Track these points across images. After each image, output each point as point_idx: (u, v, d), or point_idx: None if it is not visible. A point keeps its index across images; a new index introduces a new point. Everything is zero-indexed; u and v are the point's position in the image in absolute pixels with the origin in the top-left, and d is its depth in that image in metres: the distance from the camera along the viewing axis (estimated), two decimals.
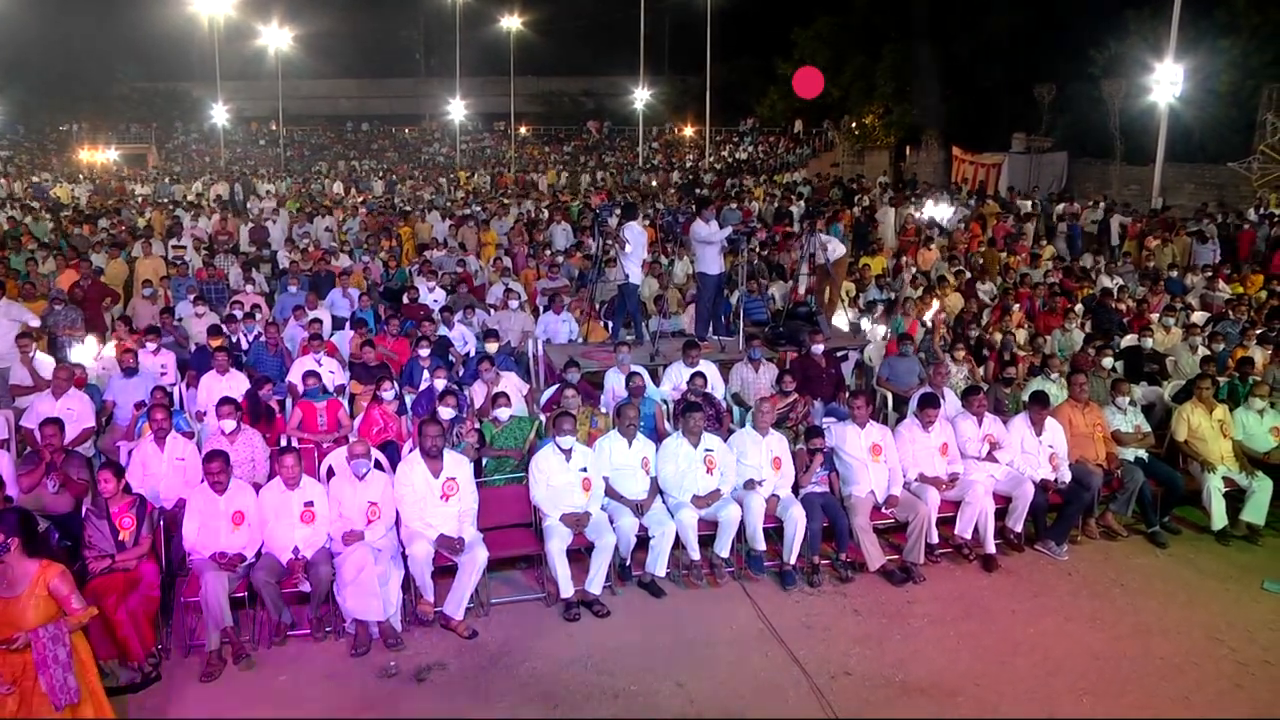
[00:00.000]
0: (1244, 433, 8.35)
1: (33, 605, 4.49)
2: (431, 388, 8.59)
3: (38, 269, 14.09)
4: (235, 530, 6.26)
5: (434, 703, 5.70)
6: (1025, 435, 7.84)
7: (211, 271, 14.36)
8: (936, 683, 5.85)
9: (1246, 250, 17.15)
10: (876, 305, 12.34)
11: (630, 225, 10.82)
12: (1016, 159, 28.88)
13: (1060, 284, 13.81)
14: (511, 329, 11.61)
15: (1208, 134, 24.87)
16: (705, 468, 7.22)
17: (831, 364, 9.72)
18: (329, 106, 58.11)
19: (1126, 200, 24.00)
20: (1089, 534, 7.94)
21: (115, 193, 29.83)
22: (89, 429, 8.19)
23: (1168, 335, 11.12)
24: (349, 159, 45.41)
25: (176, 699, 5.70)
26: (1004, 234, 18.82)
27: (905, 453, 7.67)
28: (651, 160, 42.94)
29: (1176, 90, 22.47)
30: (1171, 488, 8.04)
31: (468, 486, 6.72)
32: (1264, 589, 7.05)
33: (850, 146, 37.87)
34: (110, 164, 41.34)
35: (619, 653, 6.19)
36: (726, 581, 7.13)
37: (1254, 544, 7.83)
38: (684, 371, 9.03)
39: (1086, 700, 5.68)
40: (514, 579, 7.18)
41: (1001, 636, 6.41)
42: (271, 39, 45.57)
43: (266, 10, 45.13)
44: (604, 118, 55.14)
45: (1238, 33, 23.95)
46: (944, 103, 32.50)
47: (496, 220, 20.91)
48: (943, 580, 7.21)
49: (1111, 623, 6.58)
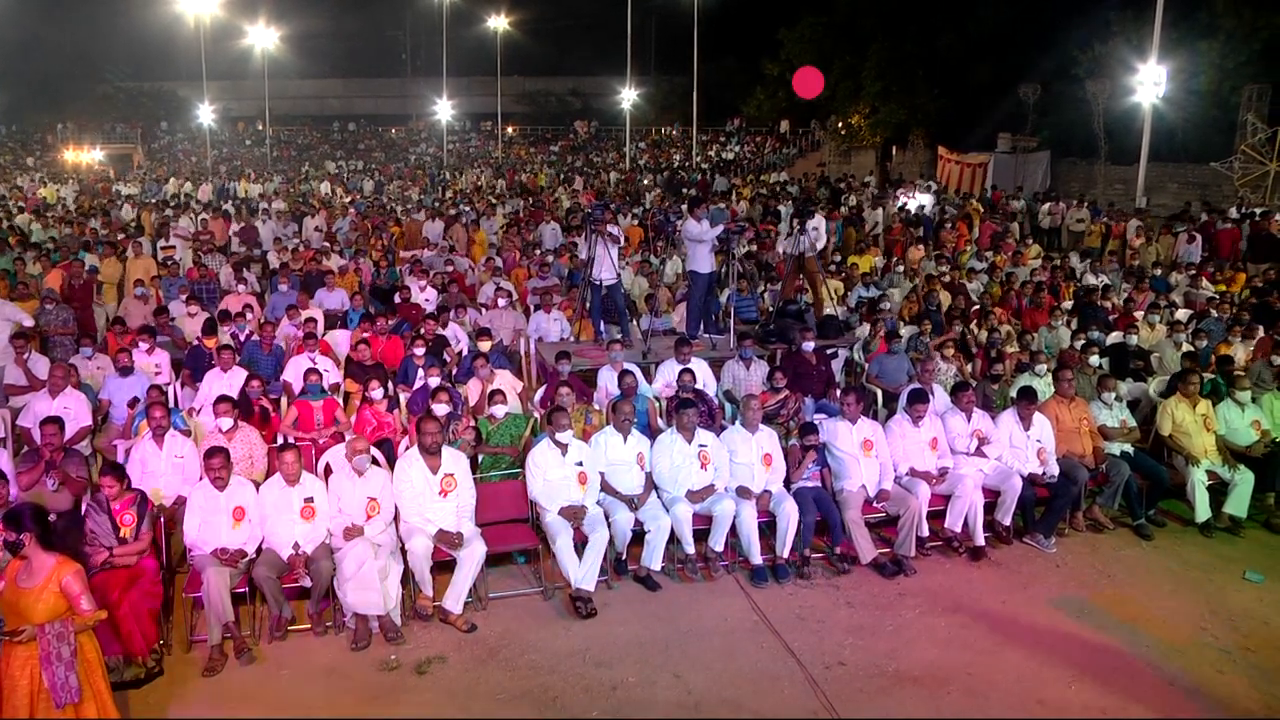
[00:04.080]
0: (1227, 427, 8.50)
1: (43, 600, 4.53)
2: (426, 385, 8.66)
3: (25, 269, 14.06)
4: (236, 526, 6.31)
5: (435, 696, 5.77)
6: (1013, 430, 7.97)
7: (203, 271, 14.37)
8: (928, 672, 5.96)
9: (1229, 249, 17.36)
10: (864, 303, 12.48)
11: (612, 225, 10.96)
12: (1002, 159, 29.09)
13: (1046, 282, 13.95)
14: (503, 328, 11.69)
15: (1190, 134, 25.12)
16: (699, 463, 7.32)
17: (822, 361, 9.83)
18: (316, 106, 57.98)
19: (1111, 199, 24.25)
20: (1076, 527, 8.07)
21: (102, 193, 29.70)
22: (86, 427, 8.23)
23: (1152, 332, 11.28)
24: (336, 159, 45.30)
25: (179, 693, 5.76)
26: (990, 233, 19.00)
27: (896, 448, 7.79)
28: (638, 160, 42.98)
29: (1160, 91, 22.68)
30: (1156, 481, 8.18)
31: (465, 482, 6.81)
32: (1245, 579, 7.20)
33: (836, 146, 38.02)
34: (96, 164, 41.11)
35: (616, 645, 6.28)
36: (721, 575, 7.23)
37: (1236, 536, 7.97)
38: (675, 369, 9.13)
39: (1074, 689, 5.80)
40: (512, 573, 7.26)
41: (991, 627, 6.52)
42: (258, 39, 45.44)
43: (253, 10, 45.03)
44: (591, 118, 55.16)
45: (1217, 34, 24.21)
46: (930, 103, 32.70)
47: (485, 220, 20.97)
48: (933, 573, 7.33)
49: (1098, 613, 6.70)
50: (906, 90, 32.72)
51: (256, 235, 19.14)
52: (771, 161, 39.96)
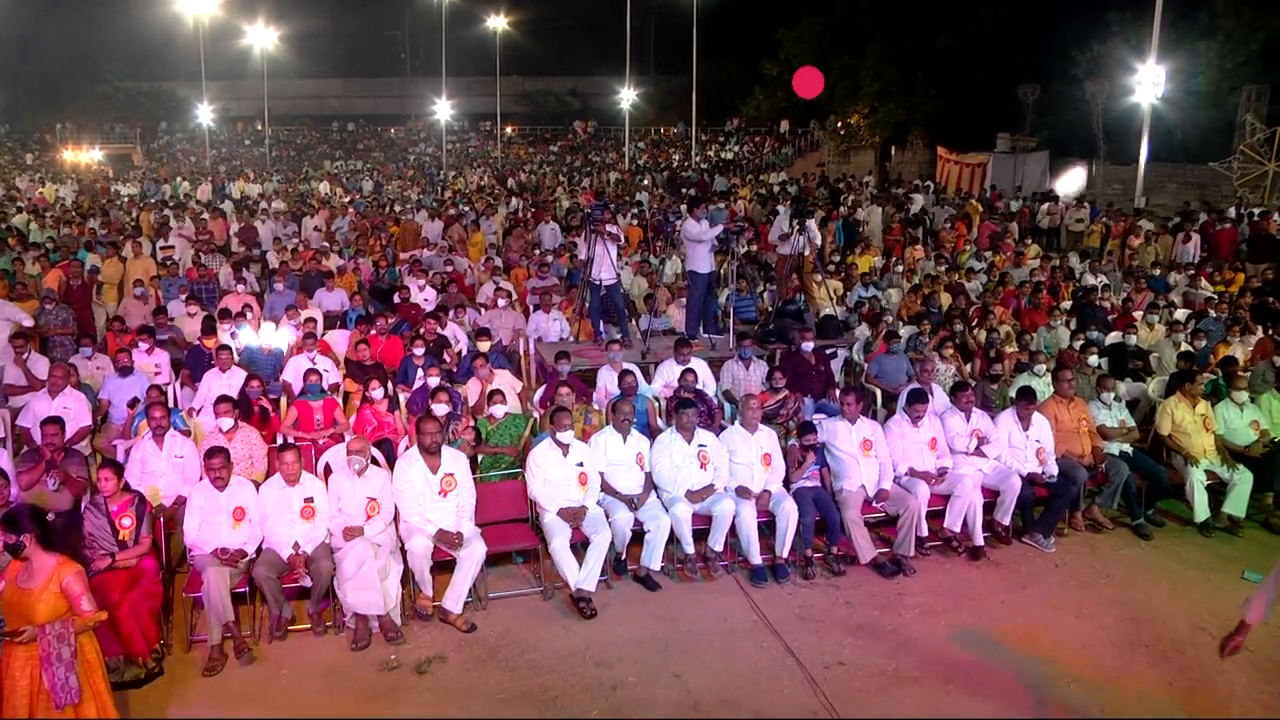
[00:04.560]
0: (1225, 427, 8.51)
1: (44, 600, 4.53)
2: (426, 385, 8.67)
3: (24, 269, 14.06)
4: (236, 526, 6.32)
5: (435, 695, 5.78)
6: (1012, 430, 7.98)
7: (202, 271, 14.37)
8: (928, 672, 5.97)
9: (1227, 249, 17.37)
10: (864, 304, 12.49)
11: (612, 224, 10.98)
12: (1001, 159, 29.10)
13: (1045, 282, 13.97)
14: (503, 328, 11.70)
15: (1189, 134, 25.14)
16: (699, 463, 7.32)
17: (821, 361, 9.84)
18: (315, 106, 57.92)
19: (1110, 199, 24.26)
20: (1075, 526, 8.09)
21: (101, 193, 29.68)
22: (85, 427, 8.24)
23: (1151, 332, 11.29)
24: (335, 159, 45.28)
25: (179, 693, 5.77)
26: (989, 233, 19.01)
27: (895, 448, 7.80)
28: (637, 160, 42.98)
29: (1159, 91, 22.69)
30: (1155, 481, 8.20)
31: (465, 482, 6.81)
32: (1244, 579, 7.20)
33: (836, 146, 38.00)
34: (95, 164, 41.09)
35: (616, 645, 6.29)
36: (720, 575, 7.24)
37: (1235, 535, 7.99)
38: (675, 369, 9.14)
39: (1073, 688, 5.82)
40: (511, 573, 7.27)
41: (991, 627, 6.53)
42: (257, 38, 45.44)
43: (252, 10, 45.02)
44: (590, 118, 55.15)
45: (1216, 35, 24.24)
46: (928, 103, 32.71)
47: (485, 220, 20.97)
48: (932, 572, 7.34)
49: (1097, 613, 6.72)
50: (905, 90, 32.72)
51: (256, 235, 19.15)
52: (771, 161, 39.94)
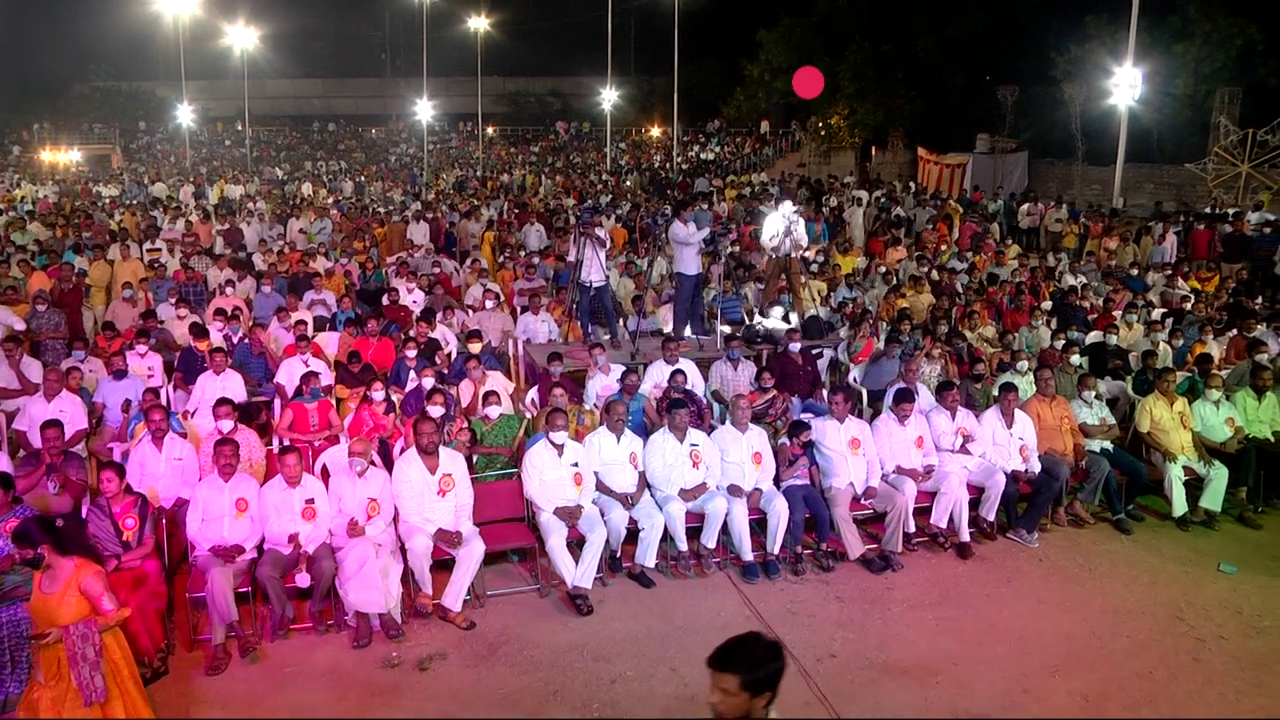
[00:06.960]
0: (1202, 424, 8.74)
1: (65, 603, 4.61)
2: (420, 387, 8.76)
3: (9, 273, 14.02)
4: (239, 518, 6.44)
5: (437, 692, 5.89)
6: (997, 428, 8.17)
7: (190, 273, 14.37)
8: (917, 663, 6.14)
9: (1204, 249, 17.67)
10: (847, 304, 12.66)
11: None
12: (980, 159, 29.40)
13: (1026, 282, 14.18)
14: (492, 329, 11.79)
15: (1165, 136, 25.55)
16: (691, 462, 7.48)
17: (808, 361, 10.01)
18: (295, 106, 57.56)
19: (1090, 199, 24.58)
20: (1058, 522, 8.29)
21: (82, 195, 29.46)
22: (81, 430, 8.27)
23: (1130, 331, 11.52)
24: (315, 159, 45.10)
25: (184, 692, 5.85)
26: (970, 233, 19.24)
27: (883, 446, 7.97)
28: (619, 161, 43.07)
29: (1135, 93, 23.00)
30: (1135, 477, 8.42)
31: (463, 482, 6.93)
32: (1219, 571, 7.44)
33: (816, 147, 38.21)
34: (73, 165, 40.76)
35: (613, 641, 6.43)
36: (713, 571, 7.39)
37: (1211, 529, 8.24)
38: (665, 370, 9.28)
39: (1058, 677, 6.00)
40: (508, 571, 7.39)
41: (977, 619, 6.72)
42: (237, 38, 45.13)
43: (232, 9, 44.70)
44: (571, 118, 55.17)
45: (1193, 38, 24.62)
46: (906, 104, 33.00)
47: (473, 222, 21.02)
48: (920, 568, 7.52)
49: (1080, 605, 6.91)
50: (884, 91, 32.99)
51: (241, 237, 19.11)
52: (752, 162, 40.12)
